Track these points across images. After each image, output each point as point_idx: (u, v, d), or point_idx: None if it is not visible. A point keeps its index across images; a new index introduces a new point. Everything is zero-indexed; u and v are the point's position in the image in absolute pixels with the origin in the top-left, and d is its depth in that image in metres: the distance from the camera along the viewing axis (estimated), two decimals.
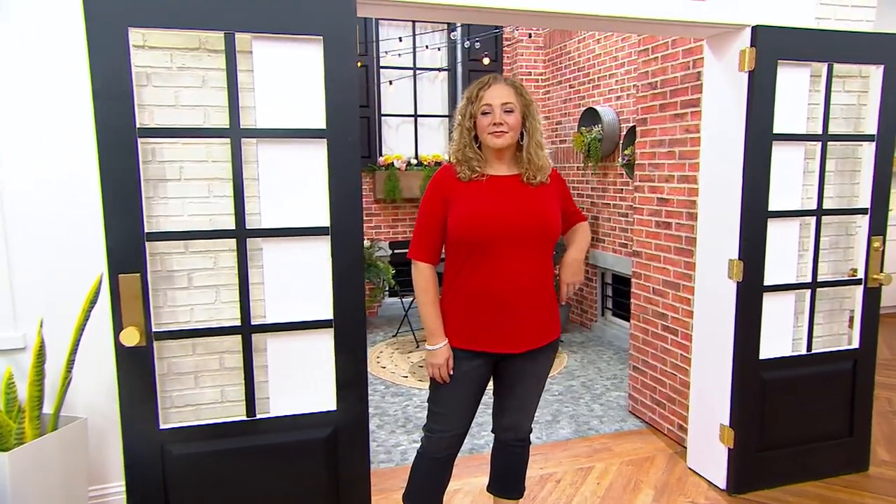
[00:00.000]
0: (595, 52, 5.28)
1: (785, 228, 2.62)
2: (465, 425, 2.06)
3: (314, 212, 2.00)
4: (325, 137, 1.96)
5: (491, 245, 1.91)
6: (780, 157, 2.54)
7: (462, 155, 1.98)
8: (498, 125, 1.93)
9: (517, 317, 1.96)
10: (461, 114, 2.00)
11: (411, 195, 6.07)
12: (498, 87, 1.96)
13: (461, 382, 2.01)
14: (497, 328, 1.96)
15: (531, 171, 1.98)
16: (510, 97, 1.95)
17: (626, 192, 4.99)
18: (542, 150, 2.00)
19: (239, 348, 2.07)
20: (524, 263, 1.94)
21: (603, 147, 5.04)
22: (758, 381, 2.60)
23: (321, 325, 2.02)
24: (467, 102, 1.99)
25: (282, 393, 2.08)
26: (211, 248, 2.03)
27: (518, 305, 1.95)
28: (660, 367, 3.38)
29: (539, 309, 1.99)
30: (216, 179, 2.01)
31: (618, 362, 4.69)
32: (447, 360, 1.98)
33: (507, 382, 2.08)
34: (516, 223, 1.92)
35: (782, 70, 2.46)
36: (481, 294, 1.94)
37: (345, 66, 1.94)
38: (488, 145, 1.97)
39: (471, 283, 1.95)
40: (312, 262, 2.01)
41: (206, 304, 2.05)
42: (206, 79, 1.98)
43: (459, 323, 1.99)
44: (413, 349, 5.08)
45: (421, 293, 2.00)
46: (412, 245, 2.03)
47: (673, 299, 3.25)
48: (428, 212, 1.99)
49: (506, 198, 1.95)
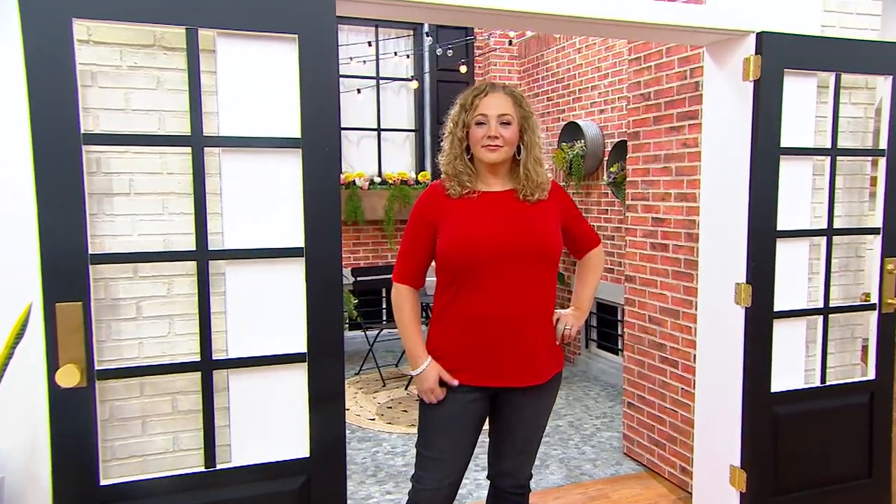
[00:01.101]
0: (576, 62, 5.38)
1: (794, 249, 2.67)
2: (461, 471, 2.01)
3: (286, 231, 1.95)
4: (299, 147, 1.92)
5: (484, 269, 1.90)
6: (788, 172, 2.59)
7: (452, 168, 1.97)
8: (493, 138, 1.92)
9: (517, 347, 1.93)
10: (453, 121, 2.00)
11: (375, 217, 6.03)
12: (495, 97, 1.95)
13: (455, 420, 1.97)
14: (495, 360, 1.93)
15: (528, 188, 1.98)
16: (508, 108, 1.95)
17: (612, 213, 5.04)
18: (542, 166, 2.00)
19: (196, 388, 1.99)
20: (522, 288, 1.93)
21: (586, 164, 5.10)
22: (770, 417, 2.61)
23: (293, 360, 1.96)
24: (460, 110, 1.99)
25: (246, 438, 2.00)
26: (164, 273, 1.96)
27: (517, 334, 1.93)
28: (658, 404, 3.38)
29: (540, 337, 1.98)
30: (172, 194, 1.95)
31: (607, 399, 4.69)
32: (437, 380, 1.95)
33: (506, 421, 2.04)
34: (511, 244, 1.91)
35: (789, 80, 2.52)
36: (477, 322, 1.92)
37: (323, 68, 1.91)
38: (481, 159, 1.96)
39: (465, 311, 1.93)
40: (283, 287, 1.95)
41: (158, 337, 1.97)
42: (161, 80, 1.92)
43: (453, 355, 1.96)
44: (379, 388, 5.00)
45: (397, 312, 2.01)
46: (396, 268, 2.04)
47: (672, 328, 3.27)
48: (414, 235, 1.99)
49: (499, 216, 1.94)
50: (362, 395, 4.85)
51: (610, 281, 5.12)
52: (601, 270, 2.19)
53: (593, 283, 2.18)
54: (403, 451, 3.77)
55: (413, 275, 2.01)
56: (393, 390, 4.95)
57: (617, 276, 5.02)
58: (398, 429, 4.14)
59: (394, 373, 5.37)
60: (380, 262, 6.21)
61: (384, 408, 4.57)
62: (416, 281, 2.02)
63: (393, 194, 6.02)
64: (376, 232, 6.21)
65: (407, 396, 4.80)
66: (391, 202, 6.00)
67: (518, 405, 2.00)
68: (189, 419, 2.01)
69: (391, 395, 4.83)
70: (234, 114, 1.93)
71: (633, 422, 3.60)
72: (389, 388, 4.99)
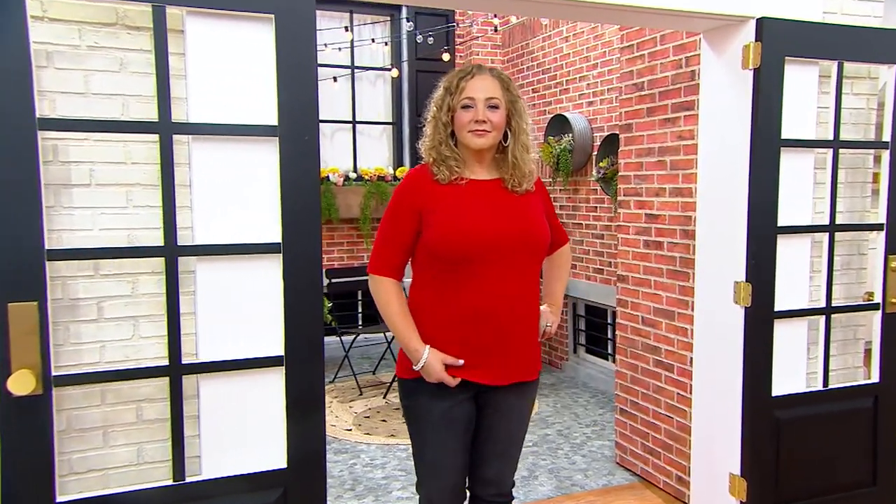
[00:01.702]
0: (563, 51, 5.39)
1: (795, 246, 2.68)
2: (463, 475, 2.04)
3: (262, 225, 1.92)
4: (276, 136, 1.90)
5: (477, 261, 1.91)
6: (789, 165, 2.60)
7: (437, 154, 1.97)
8: (480, 123, 1.92)
9: (505, 343, 1.96)
10: (437, 105, 2.00)
11: (350, 215, 5.98)
12: (482, 79, 1.95)
13: (445, 423, 1.98)
14: (483, 355, 1.94)
15: (516, 177, 1.99)
16: (496, 91, 1.95)
17: (601, 210, 5.06)
18: (529, 153, 2.01)
19: (163, 395, 1.95)
20: (512, 282, 1.94)
21: (574, 159, 5.11)
22: (771, 422, 2.62)
23: (269, 364, 1.94)
24: (445, 93, 1.98)
25: (218, 449, 1.96)
26: (129, 271, 1.92)
27: (506, 329, 1.95)
28: (652, 410, 3.39)
29: (528, 334, 2.01)
30: (137, 185, 1.91)
31: (596, 406, 4.70)
32: (443, 367, 1.92)
33: (488, 423, 2.05)
34: (505, 236, 1.92)
35: (790, 68, 2.54)
36: (466, 317, 1.93)
37: (301, 50, 1.89)
38: (467, 145, 1.96)
39: (453, 306, 1.94)
40: (259, 286, 1.93)
41: (121, 340, 1.93)
42: (124, 62, 1.88)
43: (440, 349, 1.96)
44: (356, 397, 4.97)
45: (385, 306, 1.98)
46: (372, 257, 2.02)
47: (667, 329, 3.27)
48: (396, 222, 1.98)
49: (490, 207, 1.95)
50: (338, 404, 4.81)
51: (599, 282, 5.13)
52: (569, 266, 2.29)
53: (565, 278, 2.26)
54: (383, 463, 3.73)
55: (396, 266, 2.00)
56: (371, 399, 4.91)
57: (607, 277, 5.04)
58: (377, 439, 4.11)
59: (371, 381, 5.33)
60: (355, 262, 6.17)
61: (361, 418, 4.53)
62: (398, 272, 2.01)
63: (369, 191, 5.98)
64: (351, 231, 6.16)
65: (385, 405, 4.77)
66: (367, 199, 5.96)
67: (501, 404, 2.01)
68: (155, 429, 1.97)
69: (368, 405, 4.79)
70: (205, 100, 1.89)
71: (625, 429, 3.60)
72: (367, 397, 4.95)
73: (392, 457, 3.83)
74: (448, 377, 1.93)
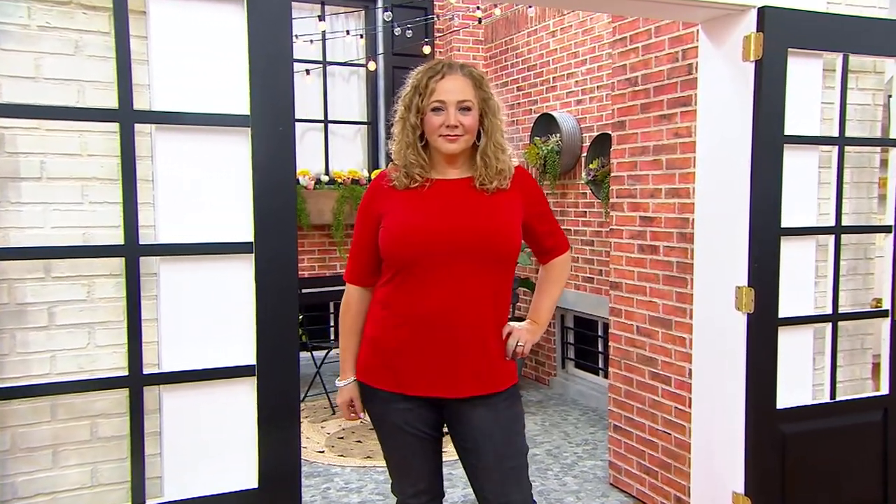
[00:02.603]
0: (550, 46, 5.42)
1: (799, 249, 2.70)
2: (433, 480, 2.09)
3: (232, 224, 1.91)
4: (247, 126, 1.88)
5: (425, 265, 1.93)
6: (792, 163, 2.62)
7: (403, 159, 1.99)
8: (452, 128, 1.93)
9: (453, 353, 1.95)
10: (405, 105, 2.00)
11: (321, 220, 5.95)
12: (453, 80, 1.96)
13: (394, 433, 2.05)
14: (426, 365, 1.95)
15: (487, 175, 1.99)
16: (467, 92, 1.96)
17: (590, 215, 5.08)
18: (505, 151, 2.02)
19: (121, 409, 1.91)
20: (466, 287, 1.95)
21: (562, 161, 5.13)
22: (776, 436, 2.63)
23: (239, 373, 1.92)
24: (413, 92, 1.99)
25: (182, 468, 1.93)
26: (84, 273, 1.89)
27: (453, 339, 1.95)
28: (649, 426, 3.38)
29: (485, 343, 1.99)
30: (94, 180, 1.88)
31: (587, 424, 4.70)
32: (348, 402, 2.09)
33: (463, 438, 2.04)
34: (455, 237, 1.93)
35: (793, 61, 2.56)
36: (412, 323, 1.95)
37: (275, 33, 1.88)
38: (437, 149, 1.98)
39: (401, 309, 1.97)
40: (229, 289, 1.91)
41: (75, 349, 1.90)
42: (80, 45, 1.86)
43: (379, 356, 2.00)
44: (328, 416, 4.92)
45: (341, 315, 2.10)
46: (346, 266, 2.12)
47: (663, 339, 3.28)
48: (360, 228, 2.05)
49: (448, 206, 1.97)
50: (309, 424, 4.75)
51: (589, 291, 5.14)
52: (565, 280, 2.23)
53: (555, 293, 2.20)
54: (359, 487, 3.69)
55: (363, 273, 2.05)
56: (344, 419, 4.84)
57: (597, 287, 5.05)
58: (352, 461, 4.06)
59: None
60: (327, 272, 6.12)
61: (335, 438, 4.48)
62: (366, 279, 2.06)
63: (342, 195, 5.95)
64: (323, 238, 6.12)
65: (361, 425, 4.71)
66: (340, 204, 5.93)
67: (472, 419, 1.99)
68: (112, 447, 1.94)
69: (342, 425, 4.74)
70: (170, 87, 1.87)
71: (620, 447, 3.59)
72: (340, 417, 4.88)
73: (369, 480, 3.78)
74: (349, 414, 2.10)
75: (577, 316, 5.40)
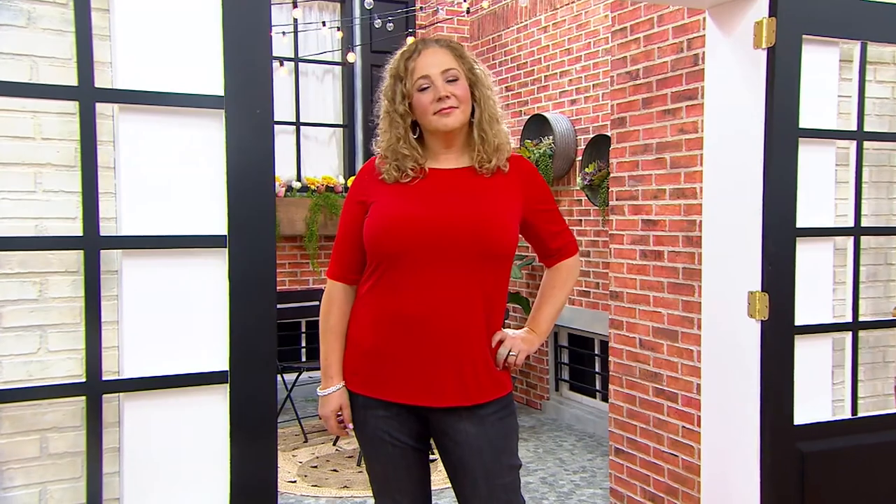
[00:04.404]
0: (541, 43, 5.47)
1: (816, 251, 2.72)
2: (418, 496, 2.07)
3: (204, 215, 1.89)
4: (221, 108, 1.87)
5: (407, 256, 1.94)
6: (807, 159, 2.65)
7: (393, 152, 1.99)
8: (444, 100, 1.94)
9: (435, 356, 1.95)
10: (388, 97, 2.02)
11: (293, 231, 5.93)
12: (432, 53, 1.98)
13: (374, 442, 2.04)
14: (406, 369, 1.95)
15: (485, 152, 2.00)
16: (450, 62, 1.98)
17: (586, 224, 5.10)
18: (500, 123, 2.05)
19: (75, 422, 1.88)
20: (454, 285, 1.95)
21: (555, 165, 5.16)
22: (795, 456, 2.62)
23: (209, 380, 1.89)
24: (394, 81, 2.01)
25: (144, 489, 1.90)
26: (35, 270, 1.86)
27: (437, 341, 1.94)
28: (654, 448, 3.38)
29: (471, 349, 1.98)
30: (48, 166, 1.86)
31: (584, 451, 4.69)
32: (335, 411, 2.04)
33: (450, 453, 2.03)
34: (444, 228, 1.94)
35: (807, 49, 2.60)
36: (393, 322, 1.96)
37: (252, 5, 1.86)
38: (436, 129, 1.98)
39: (381, 307, 1.98)
40: (199, 287, 1.90)
41: (24, 354, 1.86)
42: (33, 16, 1.85)
43: (358, 357, 2.01)
44: (300, 444, 4.89)
45: (321, 316, 2.08)
46: (329, 261, 2.13)
47: (669, 352, 3.28)
48: (345, 219, 2.07)
49: (439, 195, 1.98)
50: (280, 452, 4.69)
51: (585, 306, 5.15)
52: (572, 287, 2.25)
53: (560, 300, 2.21)
54: None
55: (347, 269, 2.06)
56: (318, 447, 4.84)
57: (594, 301, 5.06)
58: (326, 492, 4.03)
59: (318, 425, 5.23)
60: (299, 287, 6.09)
61: (307, 468, 4.44)
62: (348, 275, 2.06)
63: (316, 203, 5.94)
64: (295, 250, 6.09)
65: (336, 453, 4.69)
66: (314, 213, 5.92)
67: (457, 433, 1.98)
68: (64, 465, 1.91)
69: (315, 453, 4.72)
70: (134, 64, 1.86)
71: (622, 472, 3.58)
72: (313, 444, 4.88)
73: None
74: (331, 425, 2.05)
75: (572, 333, 5.41)
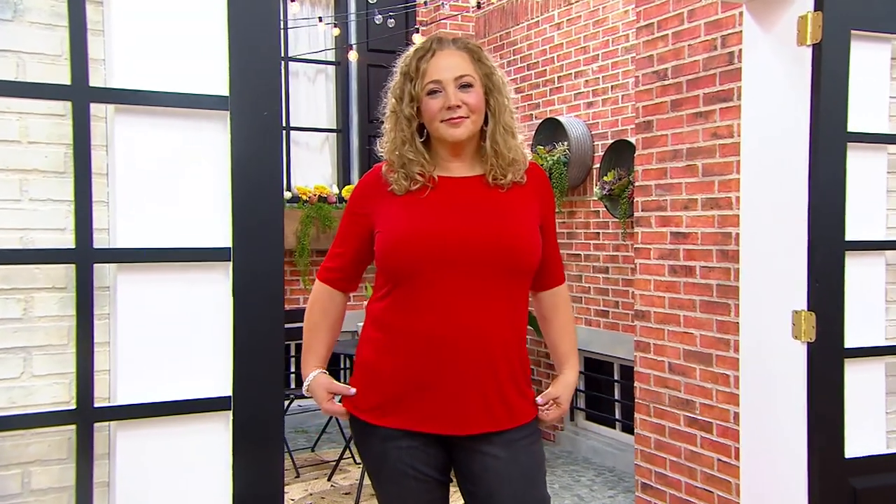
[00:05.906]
0: (554, 41, 5.49)
1: (866, 267, 2.71)
2: None
3: (205, 225, 1.88)
4: (225, 109, 1.86)
5: (425, 275, 1.94)
6: (857, 166, 2.65)
7: (398, 157, 2.00)
8: (454, 109, 1.95)
9: (466, 379, 1.94)
10: (396, 96, 2.04)
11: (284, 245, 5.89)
12: (447, 55, 1.99)
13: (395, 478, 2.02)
14: (431, 395, 1.95)
15: (499, 166, 2.01)
16: (465, 67, 1.99)
17: (604, 237, 5.10)
18: (515, 137, 2.05)
19: (61, 454, 1.86)
20: (478, 303, 1.95)
21: (570, 174, 5.16)
22: (847, 492, 2.60)
23: (211, 407, 1.87)
24: (403, 79, 2.02)
25: None
26: (20, 286, 1.84)
27: (466, 365, 1.94)
28: (685, 483, 3.36)
29: (499, 370, 1.98)
30: (35, 172, 1.84)
31: (604, 486, 4.67)
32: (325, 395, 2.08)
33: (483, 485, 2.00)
34: (467, 244, 1.94)
35: (855, 45, 2.60)
36: (413, 344, 1.96)
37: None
38: (442, 138, 1.99)
39: (400, 328, 1.99)
40: (200, 304, 1.88)
41: (6, 380, 1.83)
42: (19, 8, 1.83)
43: (377, 385, 2.01)
44: (292, 479, 4.87)
45: (306, 312, 2.17)
46: (322, 264, 2.18)
47: (702, 377, 3.27)
48: (344, 226, 2.13)
49: (457, 207, 1.99)
50: None
51: (603, 327, 5.14)
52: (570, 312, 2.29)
53: (570, 326, 2.26)
54: None
55: (338, 274, 2.11)
56: (311, 482, 4.83)
57: (613, 321, 5.05)
58: None
59: (310, 459, 5.23)
60: (289, 306, 6.05)
61: None
62: (341, 282, 2.12)
63: (308, 215, 5.94)
64: (285, 265, 6.06)
65: (332, 490, 4.66)
66: (305, 225, 5.92)
67: (484, 459, 1.97)
68: (47, 502, 1.88)
69: (309, 489, 4.70)
70: (132, 62, 1.84)
71: None
72: (306, 480, 4.86)
73: None
74: (336, 408, 2.07)
75: (589, 357, 5.38)
